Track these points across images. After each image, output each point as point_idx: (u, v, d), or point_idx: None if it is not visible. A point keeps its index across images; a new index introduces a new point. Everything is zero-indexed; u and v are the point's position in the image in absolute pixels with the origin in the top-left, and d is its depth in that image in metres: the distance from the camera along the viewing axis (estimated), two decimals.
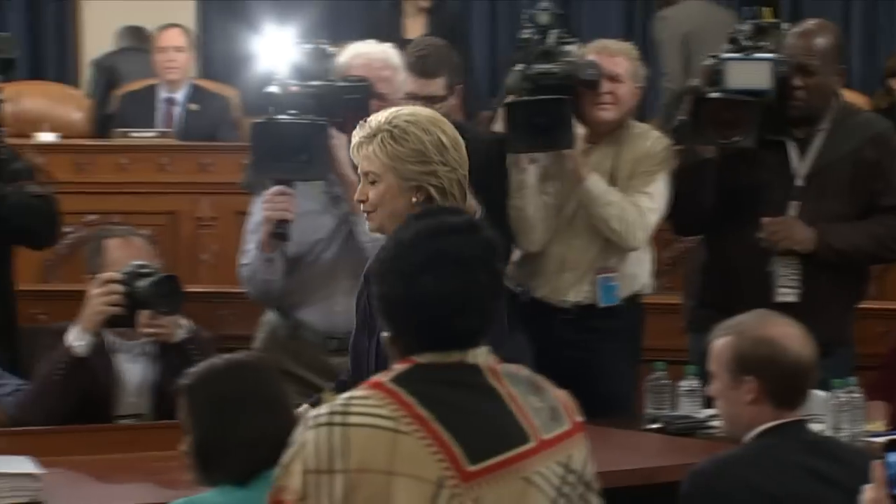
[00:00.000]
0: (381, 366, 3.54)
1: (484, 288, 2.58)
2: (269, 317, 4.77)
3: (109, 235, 4.73)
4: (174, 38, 8.05)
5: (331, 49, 4.75)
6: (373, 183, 3.63)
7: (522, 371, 2.67)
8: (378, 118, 3.66)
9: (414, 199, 3.63)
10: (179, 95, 7.89)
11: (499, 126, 5.10)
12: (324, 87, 4.64)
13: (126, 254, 4.60)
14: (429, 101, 4.73)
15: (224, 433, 3.18)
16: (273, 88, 4.69)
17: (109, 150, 6.85)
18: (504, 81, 5.23)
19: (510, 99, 4.99)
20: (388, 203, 3.63)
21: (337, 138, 4.59)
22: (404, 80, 4.77)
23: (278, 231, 4.58)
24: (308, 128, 4.58)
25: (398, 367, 2.58)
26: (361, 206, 3.67)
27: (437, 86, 5.02)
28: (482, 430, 2.54)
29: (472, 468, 2.50)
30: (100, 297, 4.38)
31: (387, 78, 4.70)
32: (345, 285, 4.50)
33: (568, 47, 5.04)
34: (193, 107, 7.84)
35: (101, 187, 6.50)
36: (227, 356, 3.28)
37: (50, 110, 5.58)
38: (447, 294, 2.54)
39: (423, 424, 2.50)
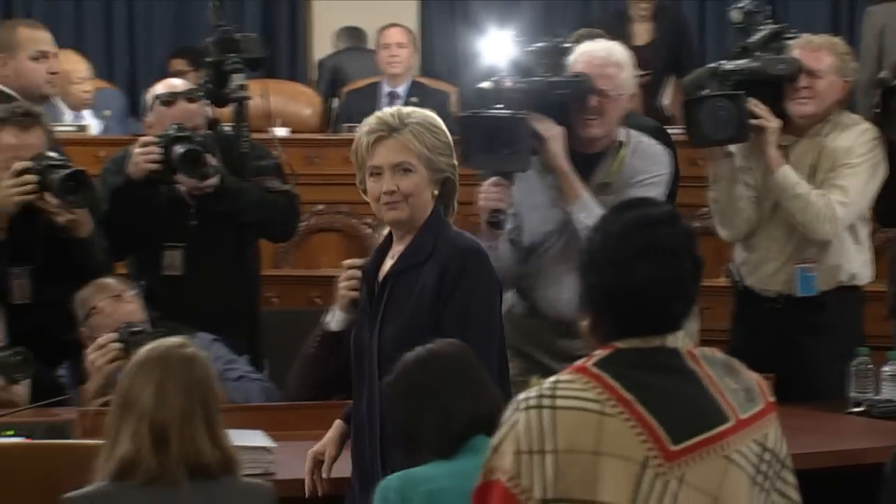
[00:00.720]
0: (383, 361, 3.64)
1: (689, 275, 2.64)
2: (508, 295, 4.82)
3: None
4: (396, 35, 8.31)
5: (566, 45, 4.84)
6: (405, 172, 3.67)
7: (717, 353, 2.71)
8: (391, 113, 3.74)
9: (435, 192, 3.73)
10: (401, 90, 8.12)
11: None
12: (534, 83, 4.72)
13: None
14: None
15: (420, 417, 3.37)
16: (485, 84, 4.81)
17: (337, 144, 6.98)
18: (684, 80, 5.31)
19: (691, 96, 5.03)
20: (418, 194, 3.69)
21: (552, 131, 4.67)
22: (629, 78, 4.79)
23: (492, 220, 4.66)
24: (511, 121, 4.65)
25: (600, 352, 2.64)
26: (387, 197, 3.68)
27: None
28: (683, 411, 2.58)
29: (675, 448, 2.54)
30: (344, 281, 4.46)
31: (609, 75, 4.73)
32: (573, 274, 4.60)
33: (777, 43, 5.04)
34: (414, 100, 8.05)
35: (328, 179, 6.63)
36: (422, 349, 3.46)
37: (283, 107, 5.77)
38: (659, 282, 2.59)
39: (627, 406, 2.55)
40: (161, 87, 5.32)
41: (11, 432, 4.09)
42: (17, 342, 4.64)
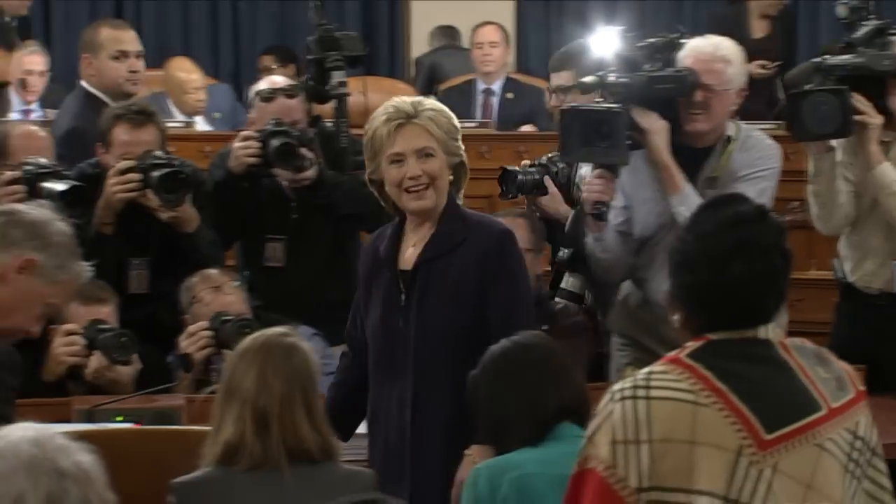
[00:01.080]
0: (421, 349, 3.70)
1: (780, 270, 2.68)
2: (624, 285, 4.89)
3: None
4: (490, 34, 8.42)
5: (677, 40, 4.83)
6: (427, 157, 3.73)
7: (808, 344, 2.74)
8: (406, 101, 3.78)
9: (450, 177, 3.79)
10: (496, 87, 8.21)
11: None
12: (637, 78, 4.73)
13: None
14: None
15: (507, 405, 3.43)
16: (589, 78, 4.82)
17: None
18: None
19: (792, 91, 5.01)
20: (441, 178, 3.76)
21: (655, 125, 4.68)
22: (737, 74, 4.76)
23: (594, 211, 4.71)
24: (610, 115, 4.67)
25: (692, 343, 2.66)
26: (411, 183, 3.74)
27: None
28: (776, 401, 2.61)
29: (769, 437, 2.58)
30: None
31: (715, 70, 4.71)
32: None
33: (882, 39, 4.98)
34: (509, 95, 8.14)
35: None
36: (507, 340, 3.53)
37: (381, 103, 5.78)
38: (753, 278, 2.63)
39: (720, 397, 2.58)
40: (263, 84, 5.43)
41: (121, 418, 4.19)
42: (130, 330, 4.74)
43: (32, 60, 7.92)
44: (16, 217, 3.39)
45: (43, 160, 4.86)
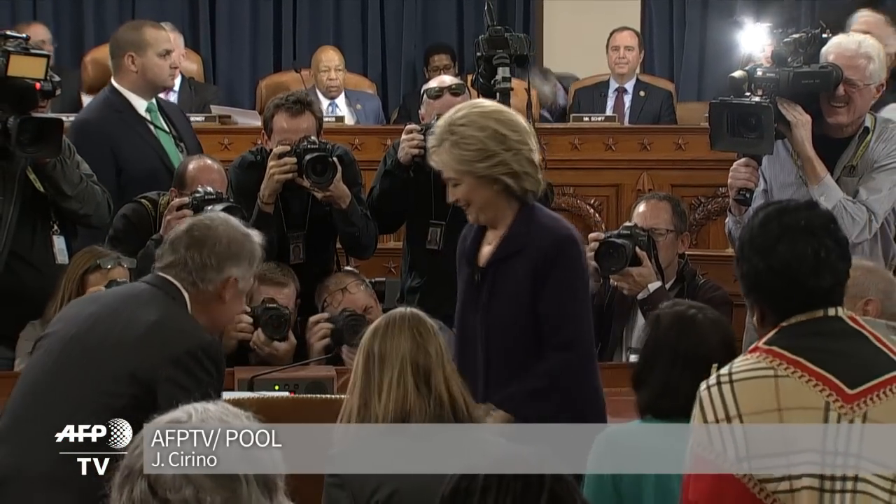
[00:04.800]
0: (488, 343, 3.72)
1: (831, 251, 2.72)
2: None
3: None
4: (626, 39, 8.55)
5: (822, 37, 4.85)
6: (455, 185, 3.77)
7: (878, 319, 2.83)
8: (440, 124, 3.78)
9: (495, 188, 3.77)
10: (628, 86, 8.34)
11: None
12: (782, 73, 4.77)
13: None
14: None
15: (652, 372, 3.43)
16: (737, 73, 4.89)
17: (563, 133, 7.12)
18: None
19: None
20: (476, 198, 3.77)
21: (799, 118, 4.72)
22: (878, 69, 4.76)
23: (738, 197, 4.80)
24: (757, 108, 4.73)
25: (768, 335, 2.73)
26: (458, 203, 3.79)
27: None
28: (854, 362, 2.67)
29: (853, 391, 2.64)
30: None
31: (857, 66, 4.73)
32: None
33: None
34: (641, 93, 8.26)
35: (557, 164, 6.63)
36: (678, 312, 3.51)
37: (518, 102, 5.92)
38: (801, 257, 2.69)
39: (798, 366, 2.65)
40: (432, 83, 5.58)
41: (277, 387, 4.38)
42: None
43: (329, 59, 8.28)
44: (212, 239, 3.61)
45: (210, 189, 5.06)
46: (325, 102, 8.08)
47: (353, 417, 3.33)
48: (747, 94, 4.80)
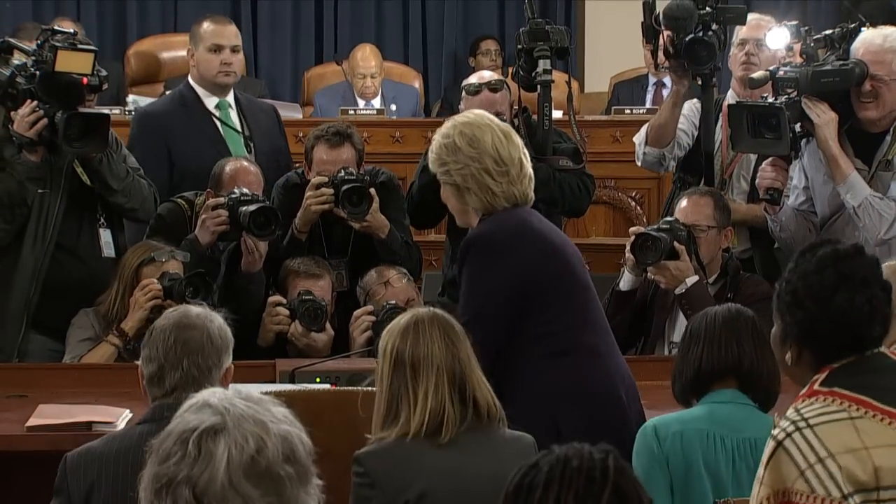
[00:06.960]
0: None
1: (882, 300, 2.74)
2: None
3: None
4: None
5: (850, 33, 4.83)
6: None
7: None
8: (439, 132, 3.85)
9: (457, 194, 3.82)
10: (666, 80, 8.24)
11: None
12: (802, 72, 4.75)
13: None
14: None
15: (686, 362, 3.57)
16: (758, 74, 4.90)
17: (605, 126, 7.11)
18: None
19: None
20: (447, 201, 3.87)
21: (823, 117, 4.70)
22: None
23: (767, 197, 4.84)
24: (775, 109, 4.71)
25: (817, 376, 2.73)
26: None
27: None
28: None
29: None
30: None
31: (884, 61, 4.72)
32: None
33: None
34: None
35: (598, 157, 6.62)
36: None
37: (559, 96, 5.90)
38: (858, 309, 2.70)
39: (868, 406, 2.66)
40: (472, 79, 5.50)
41: (318, 379, 4.37)
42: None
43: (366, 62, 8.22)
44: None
45: (245, 190, 5.05)
46: (360, 102, 8.06)
47: (380, 427, 3.26)
48: (764, 94, 4.80)
